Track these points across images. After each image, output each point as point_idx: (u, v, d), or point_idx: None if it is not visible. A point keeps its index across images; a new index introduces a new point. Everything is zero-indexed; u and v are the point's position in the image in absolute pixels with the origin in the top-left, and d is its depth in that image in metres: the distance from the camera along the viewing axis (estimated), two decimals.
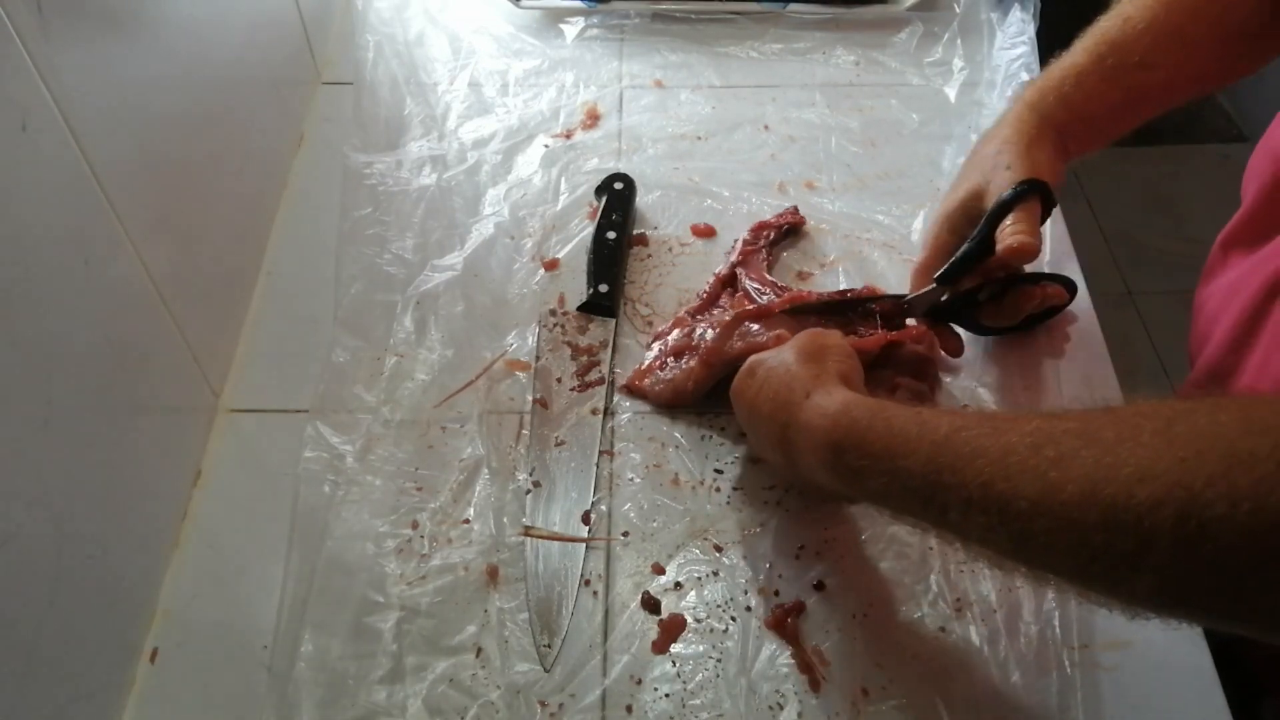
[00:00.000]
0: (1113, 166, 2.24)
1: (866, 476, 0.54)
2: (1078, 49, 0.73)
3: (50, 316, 0.55)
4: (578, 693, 0.62)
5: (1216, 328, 0.70)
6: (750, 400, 0.64)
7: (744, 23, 1.07)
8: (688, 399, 0.74)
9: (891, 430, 0.53)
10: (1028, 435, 0.46)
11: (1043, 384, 0.76)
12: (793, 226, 0.86)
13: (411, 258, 0.84)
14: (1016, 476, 0.45)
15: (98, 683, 0.60)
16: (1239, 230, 0.71)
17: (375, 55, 0.99)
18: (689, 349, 0.75)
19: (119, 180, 0.61)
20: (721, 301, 0.80)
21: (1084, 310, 0.82)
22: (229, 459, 0.73)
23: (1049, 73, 0.74)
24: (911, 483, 0.51)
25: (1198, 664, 0.63)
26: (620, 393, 0.76)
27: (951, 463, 0.48)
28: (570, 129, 0.96)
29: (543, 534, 0.69)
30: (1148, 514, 0.40)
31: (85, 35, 0.58)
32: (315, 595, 0.66)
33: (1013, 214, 0.69)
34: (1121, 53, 0.71)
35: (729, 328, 0.73)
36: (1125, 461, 0.41)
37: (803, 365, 0.62)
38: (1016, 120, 0.74)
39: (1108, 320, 0.81)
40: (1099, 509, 0.42)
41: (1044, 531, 0.44)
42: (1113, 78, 0.72)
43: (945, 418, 0.51)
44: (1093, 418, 0.45)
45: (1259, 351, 0.65)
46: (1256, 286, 0.65)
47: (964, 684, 0.62)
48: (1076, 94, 0.72)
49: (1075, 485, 0.43)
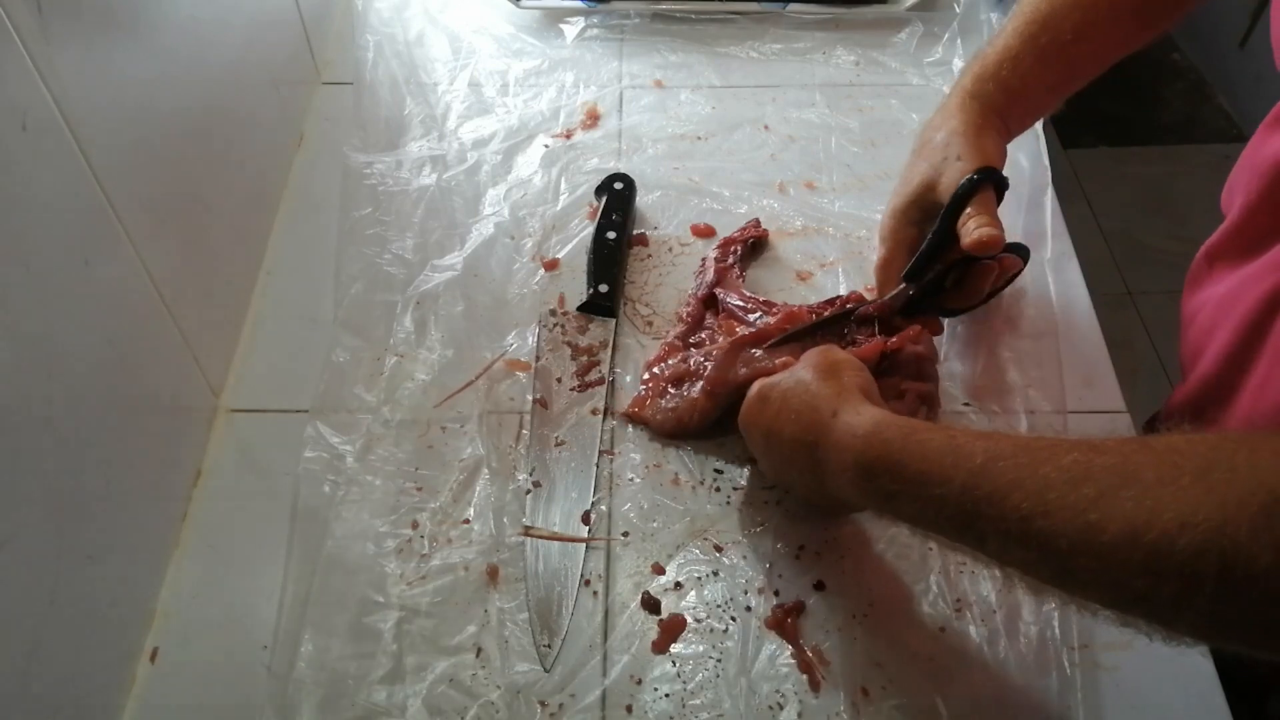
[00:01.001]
0: (1113, 166, 2.25)
1: (900, 501, 0.54)
2: (1008, 31, 0.74)
3: (50, 316, 0.55)
4: (578, 693, 0.62)
5: (1211, 341, 0.70)
6: (768, 425, 0.64)
7: (744, 23, 1.07)
8: (692, 430, 0.73)
9: (925, 455, 0.52)
10: (1065, 469, 0.46)
11: (1044, 383, 0.76)
12: (757, 240, 0.85)
13: (411, 258, 0.84)
14: (1056, 513, 0.45)
15: (98, 683, 0.60)
16: (1225, 242, 0.71)
17: (375, 55, 0.99)
18: (688, 375, 0.74)
19: (119, 180, 0.61)
20: (707, 322, 0.79)
21: (1084, 310, 0.82)
22: (229, 459, 0.73)
23: (983, 59, 0.75)
24: (947, 510, 0.51)
25: (1198, 664, 0.63)
26: (621, 419, 0.75)
27: (989, 494, 0.48)
28: (570, 129, 0.96)
29: (543, 534, 0.69)
30: (1190, 561, 0.40)
31: (85, 35, 0.58)
32: (315, 595, 0.66)
33: (971, 205, 0.69)
34: (1054, 30, 0.72)
35: (729, 356, 0.73)
36: (1166, 506, 0.41)
37: (822, 383, 0.61)
38: (960, 110, 0.74)
39: (1108, 320, 0.81)
40: (1141, 553, 0.42)
41: (1085, 570, 0.45)
42: (1047, 56, 0.73)
43: (979, 443, 0.50)
44: (1130, 455, 0.45)
45: (1260, 368, 0.65)
46: (1253, 303, 0.65)
47: (964, 684, 0.62)
48: (1014, 78, 0.73)
49: (1116, 527, 0.43)
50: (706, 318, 0.80)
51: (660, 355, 0.78)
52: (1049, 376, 0.76)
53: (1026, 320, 0.80)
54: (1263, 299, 0.64)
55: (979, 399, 0.75)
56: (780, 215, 0.89)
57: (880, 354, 0.70)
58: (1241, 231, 0.69)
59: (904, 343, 0.71)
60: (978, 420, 0.75)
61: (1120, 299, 1.99)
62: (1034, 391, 0.76)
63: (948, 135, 0.72)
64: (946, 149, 0.72)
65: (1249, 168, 0.67)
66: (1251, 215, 0.67)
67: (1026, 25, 0.73)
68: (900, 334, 0.71)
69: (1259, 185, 0.65)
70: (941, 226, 0.71)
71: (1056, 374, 0.77)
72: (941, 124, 0.74)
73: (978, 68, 0.75)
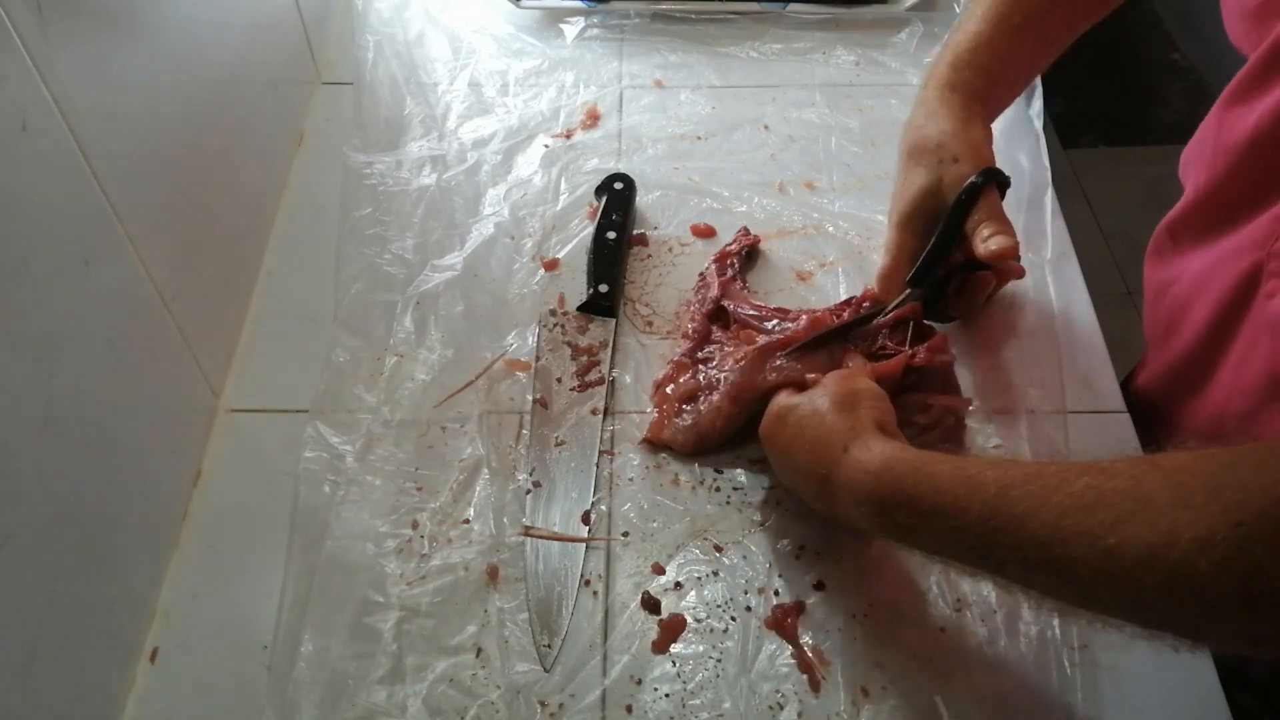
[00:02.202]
0: (1113, 167, 2.24)
1: (916, 534, 0.55)
2: (978, 16, 0.74)
3: (50, 316, 0.55)
4: (578, 693, 0.62)
5: (1186, 317, 0.71)
6: (785, 448, 0.65)
7: (744, 23, 1.07)
8: (715, 440, 0.72)
9: (938, 489, 0.53)
10: (1078, 495, 0.46)
11: (1044, 383, 0.76)
12: (751, 248, 0.85)
13: (411, 258, 0.84)
14: (1074, 540, 0.46)
15: (98, 683, 0.60)
16: (1187, 217, 0.72)
17: (375, 55, 0.99)
18: (702, 390, 0.73)
19: (119, 180, 0.61)
20: (714, 336, 0.78)
21: (1084, 310, 0.82)
22: (229, 459, 0.73)
23: (954, 49, 0.74)
24: (964, 542, 0.52)
25: (1198, 664, 0.63)
26: (641, 448, 0.73)
27: (1005, 524, 0.49)
28: (570, 129, 0.96)
29: (543, 534, 0.69)
30: (1212, 583, 0.41)
31: (85, 35, 0.58)
32: (315, 595, 0.66)
33: (979, 210, 0.69)
34: (1025, 8, 0.72)
35: (757, 361, 0.71)
36: (1183, 528, 0.42)
37: (837, 415, 0.61)
38: (944, 105, 0.73)
39: (1108, 320, 0.81)
40: (1163, 576, 0.43)
41: (1107, 593, 0.46)
42: (1021, 34, 0.73)
43: (989, 473, 0.51)
44: (1141, 477, 0.45)
45: (1239, 346, 0.66)
46: (1231, 280, 0.65)
47: (964, 684, 0.62)
48: (993, 62, 0.73)
49: (1136, 552, 0.44)
50: (713, 332, 0.78)
51: (669, 374, 0.76)
52: (1049, 376, 0.76)
53: (1026, 320, 0.80)
54: (1240, 276, 0.65)
55: (979, 399, 0.75)
56: (780, 215, 0.89)
57: (906, 369, 0.69)
58: (1205, 206, 0.69)
59: (931, 357, 0.69)
60: (978, 421, 0.74)
61: (1120, 299, 1.99)
62: (1034, 391, 0.76)
63: (939, 136, 0.72)
64: (941, 151, 0.72)
65: (1211, 143, 0.67)
66: (1216, 191, 0.67)
67: (994, 8, 0.73)
68: (927, 346, 0.70)
69: (1224, 162, 0.66)
70: (946, 231, 0.70)
71: (1056, 374, 0.77)
72: (927, 123, 0.74)
73: (951, 57, 0.74)
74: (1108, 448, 0.73)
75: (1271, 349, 0.62)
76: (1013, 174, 0.74)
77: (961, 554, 0.53)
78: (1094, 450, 0.73)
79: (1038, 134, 0.92)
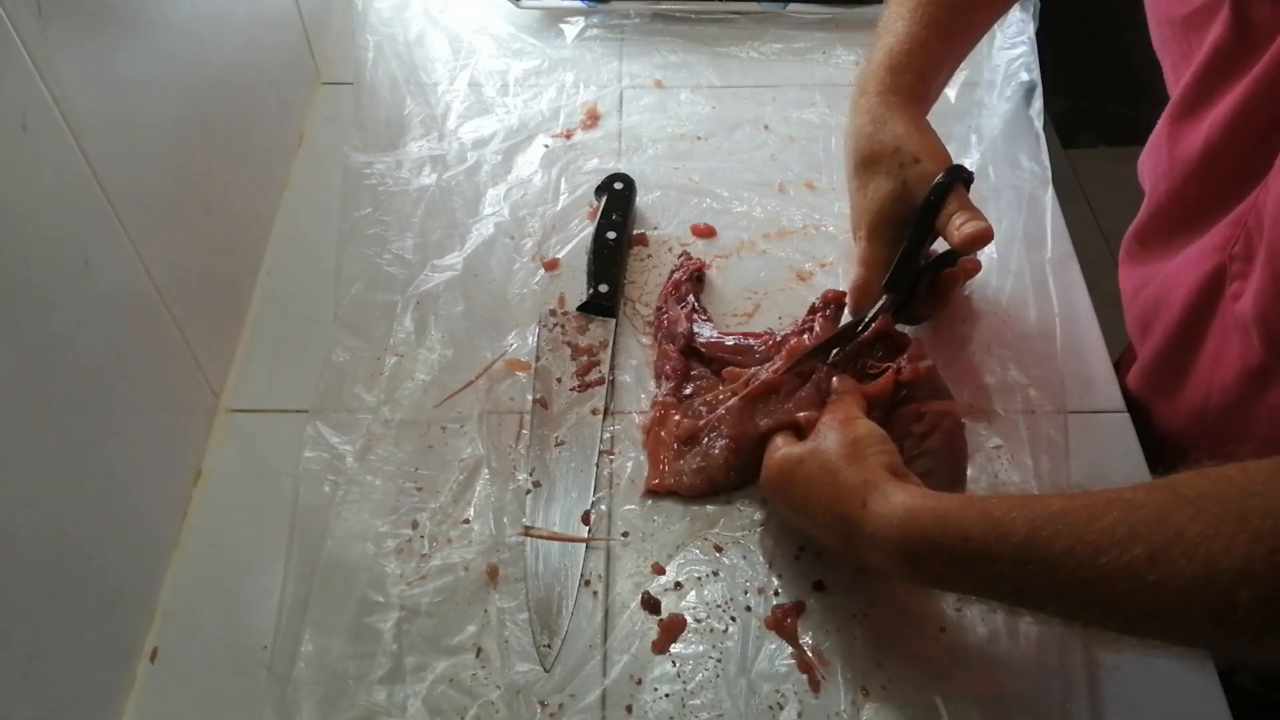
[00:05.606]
0: (1113, 167, 2.24)
1: (951, 582, 0.57)
2: (906, 19, 0.74)
3: (50, 316, 0.55)
4: (578, 693, 0.62)
5: (1159, 319, 0.72)
6: (797, 506, 0.64)
7: (744, 23, 1.07)
8: (726, 486, 0.71)
9: (966, 536, 0.53)
10: (1108, 531, 0.47)
11: (1044, 383, 0.76)
12: (699, 272, 0.83)
13: (411, 258, 0.84)
14: (1114, 579, 0.46)
15: (98, 683, 0.60)
16: (1149, 226, 0.74)
17: (375, 55, 0.99)
18: (701, 430, 0.72)
19: (119, 180, 0.60)
20: (694, 371, 0.76)
21: (1084, 310, 0.82)
22: (229, 459, 0.73)
23: (890, 55, 0.74)
24: (1001, 587, 0.53)
25: (1199, 664, 0.63)
26: (646, 497, 0.71)
27: (1041, 569, 0.49)
28: (570, 129, 0.96)
29: (543, 534, 0.69)
30: (1253, 612, 0.43)
31: (85, 35, 0.58)
32: (315, 595, 0.66)
33: (950, 204, 0.69)
34: (953, 8, 0.74)
35: (745, 413, 0.70)
36: (1219, 559, 0.43)
37: (848, 468, 0.60)
38: (893, 112, 0.73)
39: (1108, 320, 0.81)
40: (1206, 607, 0.44)
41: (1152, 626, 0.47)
42: (951, 34, 0.75)
43: (1015, 514, 0.51)
44: (1167, 509, 0.46)
45: (1211, 344, 0.67)
46: (1197, 283, 0.67)
47: (964, 684, 0.62)
48: (928, 64, 0.74)
49: (1177, 584, 0.45)
50: (693, 367, 0.76)
51: (657, 418, 0.74)
52: (1049, 376, 0.77)
53: (1026, 320, 0.80)
54: (1206, 278, 0.66)
55: (980, 400, 0.75)
56: (780, 215, 0.89)
57: (895, 386, 0.68)
58: (1168, 215, 0.71)
59: (915, 368, 0.69)
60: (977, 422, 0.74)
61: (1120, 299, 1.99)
62: (1034, 391, 0.76)
63: (895, 141, 0.72)
64: (901, 155, 0.71)
65: (1166, 155, 0.69)
66: (1178, 200, 0.69)
67: (925, 8, 0.74)
68: (908, 356, 0.69)
69: (1181, 174, 0.67)
70: (917, 232, 0.71)
71: (1056, 374, 0.77)
72: (878, 130, 0.73)
73: (888, 62, 0.74)
74: (1107, 447, 0.74)
75: (1243, 345, 0.63)
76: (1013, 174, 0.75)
77: (1001, 597, 0.54)
78: (1094, 450, 0.73)
79: (1038, 134, 0.92)
